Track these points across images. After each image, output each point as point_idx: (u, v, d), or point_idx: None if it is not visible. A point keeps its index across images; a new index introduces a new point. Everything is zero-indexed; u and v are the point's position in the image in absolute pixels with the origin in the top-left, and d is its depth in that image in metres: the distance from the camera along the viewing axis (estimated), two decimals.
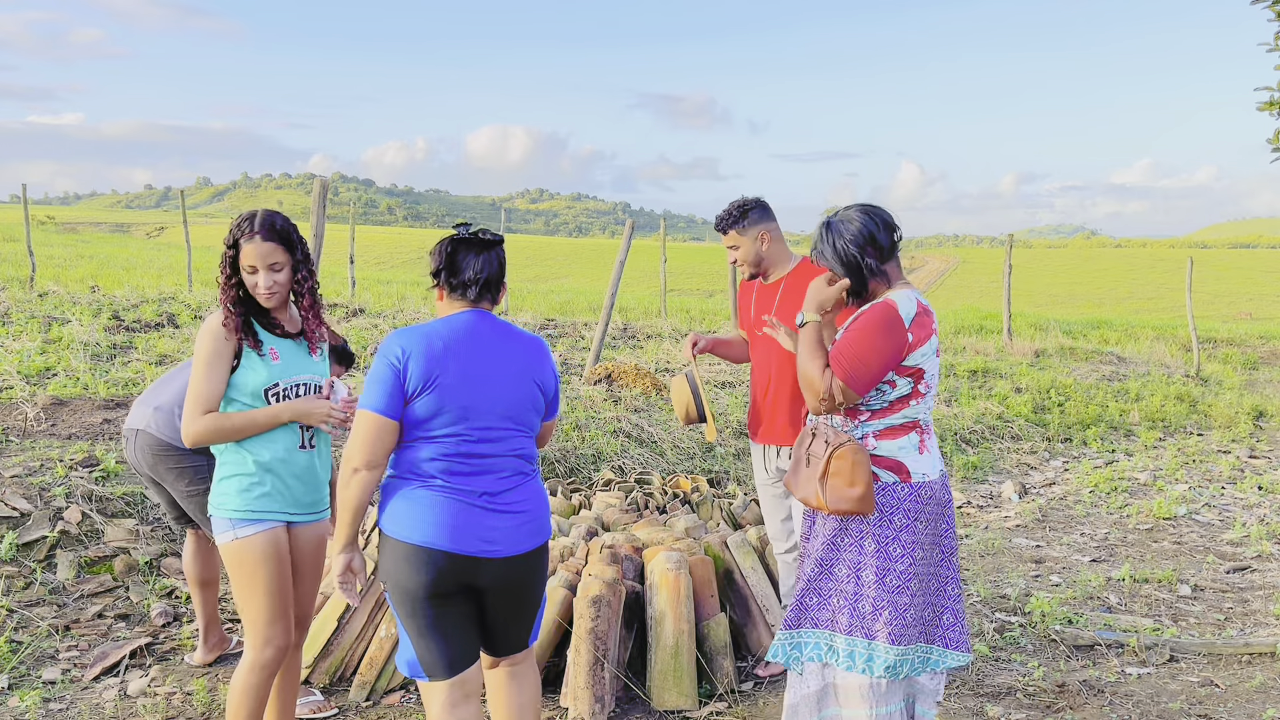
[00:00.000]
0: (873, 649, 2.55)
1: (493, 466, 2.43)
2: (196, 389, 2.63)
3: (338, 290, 16.02)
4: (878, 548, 2.57)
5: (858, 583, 2.57)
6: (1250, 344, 16.48)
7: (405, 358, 2.35)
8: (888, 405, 2.59)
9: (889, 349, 2.52)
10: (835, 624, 2.60)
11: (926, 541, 2.60)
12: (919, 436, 2.62)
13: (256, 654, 2.69)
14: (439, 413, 2.36)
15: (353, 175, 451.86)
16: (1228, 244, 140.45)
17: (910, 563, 2.56)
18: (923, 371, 2.58)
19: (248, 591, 2.68)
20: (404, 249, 63.51)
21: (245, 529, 2.67)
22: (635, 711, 3.52)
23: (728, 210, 3.51)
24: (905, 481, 2.58)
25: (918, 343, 2.55)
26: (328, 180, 6.43)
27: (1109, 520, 6.50)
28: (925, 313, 2.59)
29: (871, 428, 2.61)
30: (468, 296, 2.47)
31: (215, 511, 2.70)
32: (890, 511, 2.57)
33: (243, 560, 2.67)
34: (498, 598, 2.47)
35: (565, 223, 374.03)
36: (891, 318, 2.54)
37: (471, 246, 2.47)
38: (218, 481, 2.71)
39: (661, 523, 4.34)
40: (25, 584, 4.39)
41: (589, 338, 11.38)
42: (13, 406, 6.25)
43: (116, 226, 74.36)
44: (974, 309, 22.06)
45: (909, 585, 2.56)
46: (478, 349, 2.42)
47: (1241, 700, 3.74)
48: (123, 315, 10.24)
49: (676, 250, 61.04)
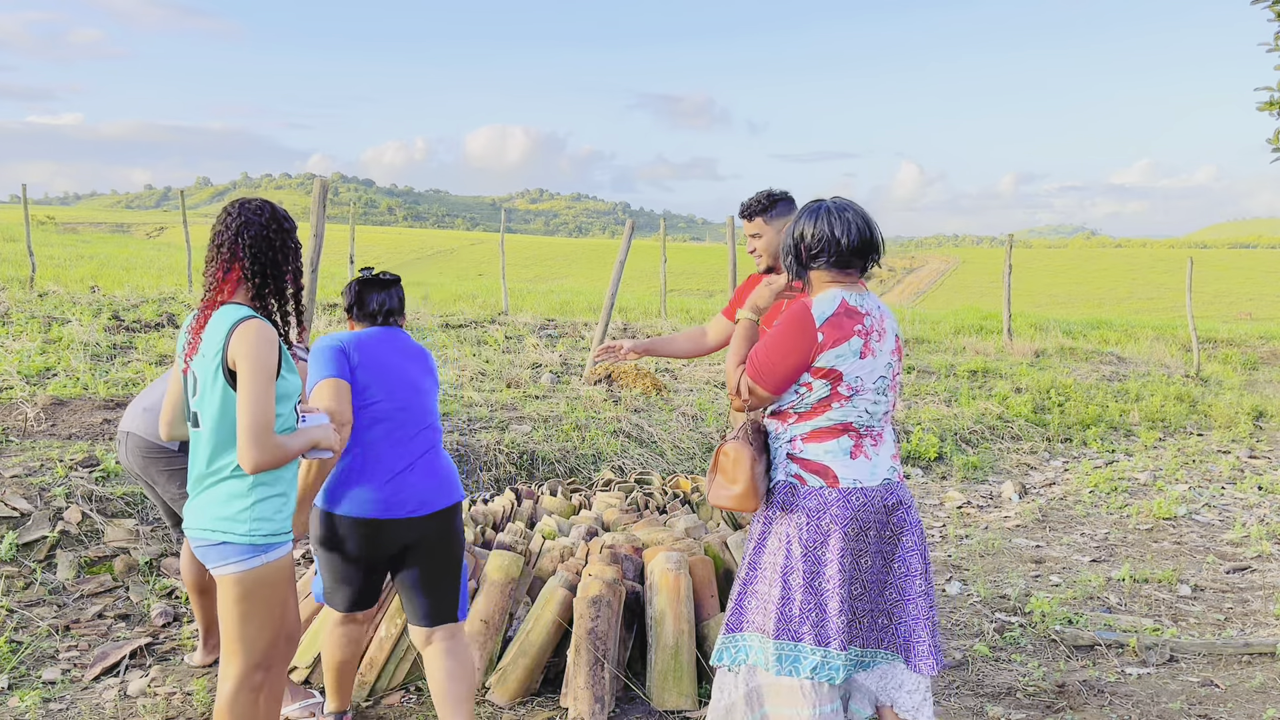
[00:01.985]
0: (799, 650, 2.51)
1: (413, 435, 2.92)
2: (263, 409, 2.30)
3: (338, 290, 16.03)
4: (804, 551, 2.52)
5: (785, 586, 2.53)
6: (1250, 344, 16.47)
7: (344, 343, 2.88)
8: (810, 409, 2.55)
9: (795, 348, 2.49)
10: (765, 628, 2.56)
11: (864, 549, 2.53)
12: (851, 441, 2.55)
13: (245, 679, 2.48)
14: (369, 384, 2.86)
15: (352, 175, 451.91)
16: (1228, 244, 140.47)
17: (839, 568, 2.50)
18: (839, 374, 2.51)
19: (257, 617, 2.42)
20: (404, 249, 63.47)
21: (274, 552, 2.42)
22: (635, 711, 3.52)
23: (756, 198, 3.48)
24: (832, 486, 2.52)
25: (829, 344, 2.49)
26: (328, 180, 6.43)
27: (1109, 520, 6.50)
28: (849, 314, 2.53)
29: (798, 430, 2.57)
30: (376, 324, 3.02)
31: (235, 537, 2.37)
32: (817, 515, 2.51)
33: (261, 586, 2.41)
34: (418, 555, 2.89)
35: (565, 223, 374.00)
36: (801, 317, 2.51)
37: (374, 286, 3.01)
38: (248, 505, 2.38)
39: (661, 523, 4.34)
40: (25, 584, 4.39)
41: (589, 338, 11.38)
42: (13, 406, 6.25)
43: (116, 227, 74.36)
44: (974, 309, 22.06)
45: (838, 590, 2.49)
46: (389, 342, 2.97)
47: (1241, 700, 3.74)
48: (123, 315, 10.24)
49: (676, 250, 61.01)
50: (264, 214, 2.47)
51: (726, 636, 2.63)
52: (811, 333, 2.49)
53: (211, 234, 2.49)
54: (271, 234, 2.46)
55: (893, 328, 2.65)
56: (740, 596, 2.62)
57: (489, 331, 11.64)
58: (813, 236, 2.56)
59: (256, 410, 2.30)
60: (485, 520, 4.44)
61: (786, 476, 2.58)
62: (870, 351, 2.55)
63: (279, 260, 2.49)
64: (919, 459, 7.98)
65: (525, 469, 6.31)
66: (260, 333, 2.36)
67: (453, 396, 7.59)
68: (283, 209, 2.54)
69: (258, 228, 2.45)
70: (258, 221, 2.46)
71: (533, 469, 6.33)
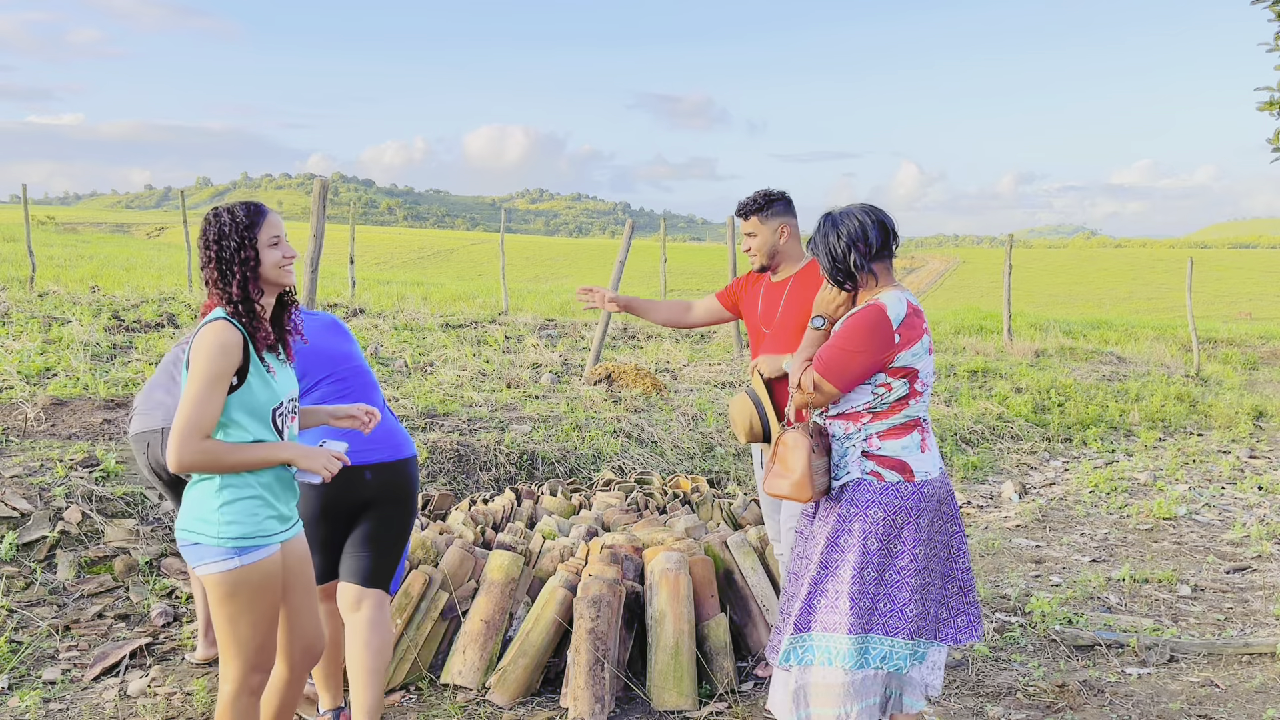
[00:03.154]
0: (867, 642, 2.60)
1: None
2: (198, 412, 2.30)
3: (338, 290, 16.02)
4: (880, 545, 2.60)
5: (860, 581, 2.60)
6: (1250, 344, 16.47)
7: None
8: (888, 407, 2.63)
9: (873, 348, 2.56)
10: (837, 626, 2.61)
11: (930, 539, 2.63)
12: (920, 435, 2.66)
13: (243, 682, 2.47)
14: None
15: (351, 175, 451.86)
16: (1228, 244, 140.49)
17: (911, 559, 2.60)
18: (916, 371, 2.62)
19: (245, 619, 2.42)
20: (404, 249, 63.50)
21: (252, 555, 2.40)
22: (635, 711, 3.52)
23: (752, 197, 3.51)
24: (909, 480, 2.61)
25: (906, 343, 2.59)
26: (328, 180, 6.43)
27: (1109, 520, 6.49)
28: (915, 313, 2.64)
29: (875, 429, 2.64)
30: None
31: (206, 539, 2.38)
32: (893, 510, 2.60)
33: (242, 588, 2.40)
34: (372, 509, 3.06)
35: (565, 223, 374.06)
36: (878, 319, 2.58)
37: None
38: (216, 507, 2.39)
39: (661, 523, 4.34)
40: (25, 584, 4.39)
41: (589, 338, 11.38)
42: (13, 406, 6.25)
43: (116, 226, 74.38)
44: (974, 309, 22.05)
45: (908, 581, 2.59)
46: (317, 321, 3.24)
47: (1241, 700, 3.74)
48: (123, 315, 10.24)
49: (676, 250, 61.02)
50: (221, 220, 2.44)
51: (795, 637, 2.66)
52: (888, 334, 2.57)
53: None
54: (221, 237, 2.42)
55: None
56: (810, 596, 2.65)
57: (489, 331, 11.64)
58: (874, 233, 2.64)
59: (188, 410, 2.30)
60: (485, 520, 4.44)
61: (862, 474, 2.63)
62: (932, 349, 2.69)
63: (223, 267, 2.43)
64: None
65: (525, 469, 6.31)
66: (214, 336, 2.34)
67: (453, 397, 7.60)
68: (247, 210, 2.46)
69: (214, 233, 2.43)
70: (214, 229, 2.44)
71: (533, 469, 6.33)
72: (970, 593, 2.74)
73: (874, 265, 2.67)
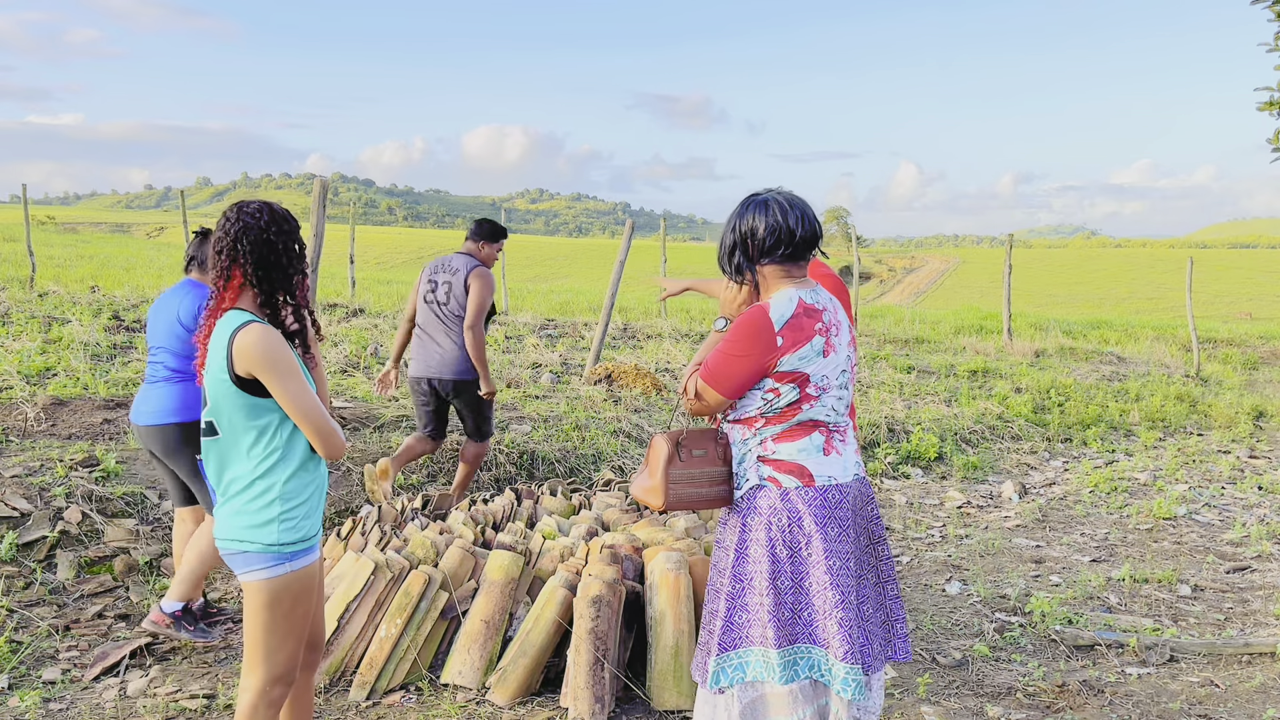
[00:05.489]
0: (795, 653, 2.45)
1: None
2: (312, 403, 2.36)
3: (338, 290, 16.03)
4: (790, 553, 2.45)
5: (776, 591, 2.44)
6: (1250, 344, 16.48)
7: None
8: (779, 412, 2.48)
9: (755, 352, 2.41)
10: (765, 639, 2.45)
11: (851, 552, 2.47)
12: (823, 437, 2.50)
13: (264, 692, 2.45)
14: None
15: (351, 175, 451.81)
16: (1227, 244, 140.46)
17: (827, 570, 2.42)
18: (806, 375, 2.45)
19: (281, 627, 2.41)
20: (404, 249, 63.47)
21: (300, 560, 2.41)
22: (635, 711, 3.52)
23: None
24: (808, 485, 2.46)
25: (791, 346, 2.42)
26: (328, 180, 6.43)
27: (1109, 520, 6.49)
28: (807, 313, 2.46)
29: (769, 433, 2.50)
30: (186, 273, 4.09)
31: (256, 546, 2.37)
32: (798, 515, 2.45)
33: (285, 594, 2.40)
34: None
35: (565, 223, 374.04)
36: (760, 321, 2.42)
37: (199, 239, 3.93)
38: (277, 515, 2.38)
39: (661, 523, 4.34)
40: (25, 584, 4.39)
41: (589, 338, 11.38)
42: (13, 406, 6.25)
43: (116, 226, 74.39)
44: (974, 309, 22.06)
45: (827, 592, 2.42)
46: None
47: (1241, 700, 3.74)
48: (123, 315, 10.24)
49: (676, 250, 61.01)
50: (262, 217, 2.43)
51: (722, 657, 2.48)
52: (769, 338, 2.41)
53: (212, 240, 2.46)
54: (272, 236, 2.42)
55: (845, 319, 2.60)
56: (729, 612, 2.49)
57: (489, 331, 11.64)
58: (766, 230, 2.47)
59: (305, 408, 2.36)
60: (485, 520, 4.44)
61: (760, 480, 2.50)
62: (831, 348, 2.49)
63: (283, 264, 2.45)
64: (919, 459, 7.97)
65: (525, 469, 6.31)
66: (266, 335, 2.34)
67: None
68: (283, 209, 2.48)
69: (256, 231, 2.41)
70: (256, 225, 2.41)
71: (533, 469, 6.34)
72: (900, 624, 2.58)
73: (764, 266, 2.50)
